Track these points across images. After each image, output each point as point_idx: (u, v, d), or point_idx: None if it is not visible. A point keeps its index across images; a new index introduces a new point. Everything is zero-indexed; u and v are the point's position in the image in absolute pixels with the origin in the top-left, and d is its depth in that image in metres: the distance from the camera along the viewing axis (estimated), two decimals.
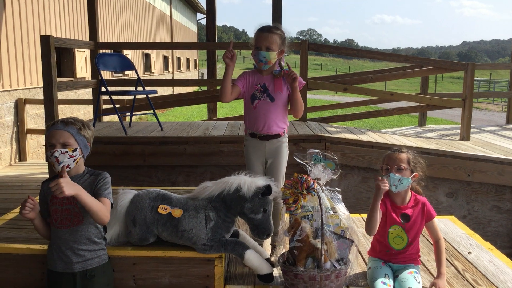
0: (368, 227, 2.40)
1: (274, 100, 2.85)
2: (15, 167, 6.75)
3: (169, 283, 2.46)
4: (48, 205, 2.18)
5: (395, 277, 2.43)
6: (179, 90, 19.73)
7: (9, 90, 6.93)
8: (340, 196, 2.38)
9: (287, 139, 2.99)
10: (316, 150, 2.48)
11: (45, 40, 4.48)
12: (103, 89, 5.07)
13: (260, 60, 2.80)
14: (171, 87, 19.49)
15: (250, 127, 2.93)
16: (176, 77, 23.29)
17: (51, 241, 2.21)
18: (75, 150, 2.12)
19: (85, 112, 10.02)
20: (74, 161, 2.12)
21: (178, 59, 25.13)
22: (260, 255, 2.50)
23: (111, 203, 2.19)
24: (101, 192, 2.15)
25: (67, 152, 2.09)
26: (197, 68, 34.50)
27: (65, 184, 1.92)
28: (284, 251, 2.44)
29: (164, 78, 19.45)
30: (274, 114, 2.86)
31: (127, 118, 5.94)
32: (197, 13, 33.57)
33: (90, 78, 6.15)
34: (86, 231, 2.17)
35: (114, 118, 5.92)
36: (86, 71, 9.96)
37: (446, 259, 2.82)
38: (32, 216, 2.12)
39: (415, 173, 2.44)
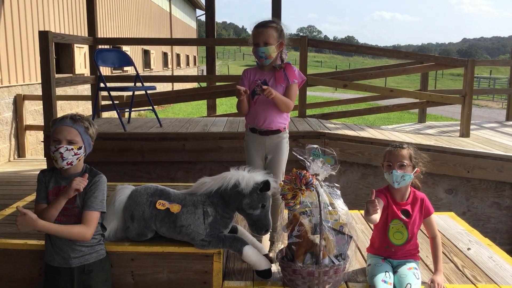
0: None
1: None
2: (14, 163, 6.74)
3: (167, 278, 2.45)
4: (48, 196, 2.18)
5: (394, 272, 2.42)
6: (178, 86, 19.71)
7: (8, 86, 6.91)
8: (338, 192, 2.37)
9: (288, 135, 2.98)
10: (315, 146, 2.47)
11: (44, 36, 4.46)
12: (102, 85, 5.06)
13: (260, 56, 2.80)
14: (170, 84, 19.47)
15: (251, 122, 2.92)
16: (176, 73, 23.23)
17: (49, 236, 2.19)
18: (80, 148, 2.13)
19: (84, 108, 10.00)
20: (77, 159, 2.14)
21: (178, 55, 25.08)
22: (259, 251, 2.49)
23: (102, 211, 2.17)
24: (87, 202, 2.13)
25: (72, 149, 2.11)
26: (197, 64, 34.41)
27: (20, 223, 1.97)
28: (282, 246, 2.44)
29: (163, 75, 19.43)
30: (274, 109, 2.84)
31: (126, 114, 5.92)
32: (197, 9, 33.49)
33: (89, 74, 6.14)
34: None
35: (113, 114, 5.91)
36: (85, 67, 9.94)
37: (446, 255, 2.82)
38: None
39: (416, 169, 2.44)
